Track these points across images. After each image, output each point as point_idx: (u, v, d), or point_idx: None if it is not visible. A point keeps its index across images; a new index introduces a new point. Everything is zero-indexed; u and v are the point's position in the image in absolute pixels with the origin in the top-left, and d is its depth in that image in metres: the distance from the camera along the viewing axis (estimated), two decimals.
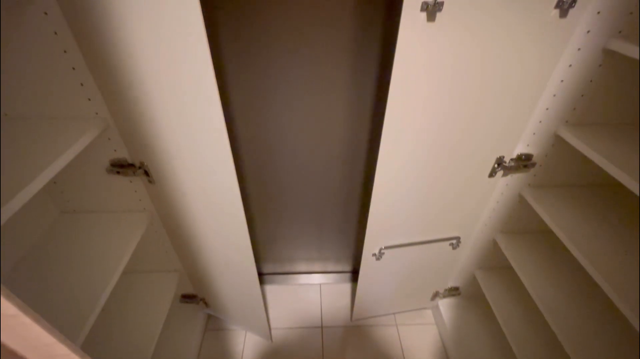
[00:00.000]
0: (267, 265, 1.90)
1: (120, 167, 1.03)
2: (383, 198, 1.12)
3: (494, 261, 1.45)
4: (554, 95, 0.94)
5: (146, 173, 1.03)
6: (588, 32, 0.81)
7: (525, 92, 0.91)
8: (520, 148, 1.06)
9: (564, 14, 0.76)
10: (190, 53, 0.71)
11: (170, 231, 1.26)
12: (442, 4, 0.69)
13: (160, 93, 0.80)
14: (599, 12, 0.78)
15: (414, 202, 1.16)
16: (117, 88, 0.83)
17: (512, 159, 1.08)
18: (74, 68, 0.83)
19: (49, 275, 0.94)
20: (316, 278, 1.94)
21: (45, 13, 0.74)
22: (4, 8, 0.73)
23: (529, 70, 0.86)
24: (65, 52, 0.80)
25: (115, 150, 1.00)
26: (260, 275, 1.93)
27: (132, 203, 1.15)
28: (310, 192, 1.52)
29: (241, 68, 1.12)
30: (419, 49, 0.77)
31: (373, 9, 1.01)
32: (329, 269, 1.94)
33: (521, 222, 1.28)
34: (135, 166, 1.03)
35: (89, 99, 0.88)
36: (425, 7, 0.69)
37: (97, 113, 0.91)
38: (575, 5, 0.74)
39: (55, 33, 0.77)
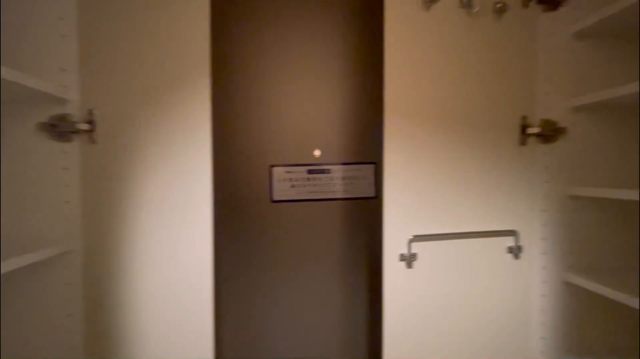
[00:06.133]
0: None
1: None
2: None
3: None
4: (542, 323, 0.96)
5: None
6: (544, 267, 0.95)
7: (513, 323, 0.93)
8: None
9: (516, 256, 0.91)
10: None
11: None
12: (415, 255, 0.84)
13: None
14: (543, 253, 0.95)
15: None
16: None
17: None
18: None
19: None
20: None
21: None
22: None
23: (507, 301, 0.93)
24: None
25: None
26: None
27: None
28: None
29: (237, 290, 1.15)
30: (403, 288, 0.86)
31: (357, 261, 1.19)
32: None
33: None
34: None
35: None
36: (402, 258, 0.83)
37: None
38: (524, 250, 0.91)
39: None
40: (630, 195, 0.77)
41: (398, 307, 0.86)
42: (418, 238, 0.84)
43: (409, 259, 0.83)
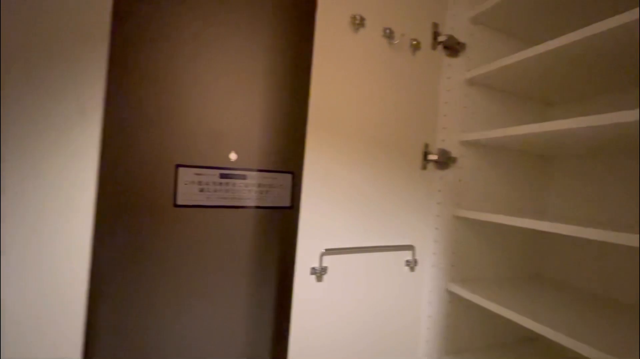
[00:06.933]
0: None
1: None
2: None
3: None
4: (428, 328, 1.08)
5: None
6: (432, 278, 1.07)
7: (405, 330, 1.03)
8: None
9: (412, 269, 1.01)
10: None
11: None
12: (326, 268, 0.84)
13: None
14: (433, 266, 1.07)
15: None
16: None
17: None
18: None
19: None
20: None
21: None
22: None
23: (402, 309, 1.01)
24: None
25: None
26: None
27: None
28: None
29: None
30: (312, 301, 0.85)
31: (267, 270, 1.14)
32: None
33: None
34: None
35: None
36: (313, 272, 0.82)
37: None
38: (418, 263, 1.01)
39: None
40: (496, 218, 0.94)
41: (306, 318, 0.84)
42: (329, 251, 0.86)
43: (319, 273, 0.83)
